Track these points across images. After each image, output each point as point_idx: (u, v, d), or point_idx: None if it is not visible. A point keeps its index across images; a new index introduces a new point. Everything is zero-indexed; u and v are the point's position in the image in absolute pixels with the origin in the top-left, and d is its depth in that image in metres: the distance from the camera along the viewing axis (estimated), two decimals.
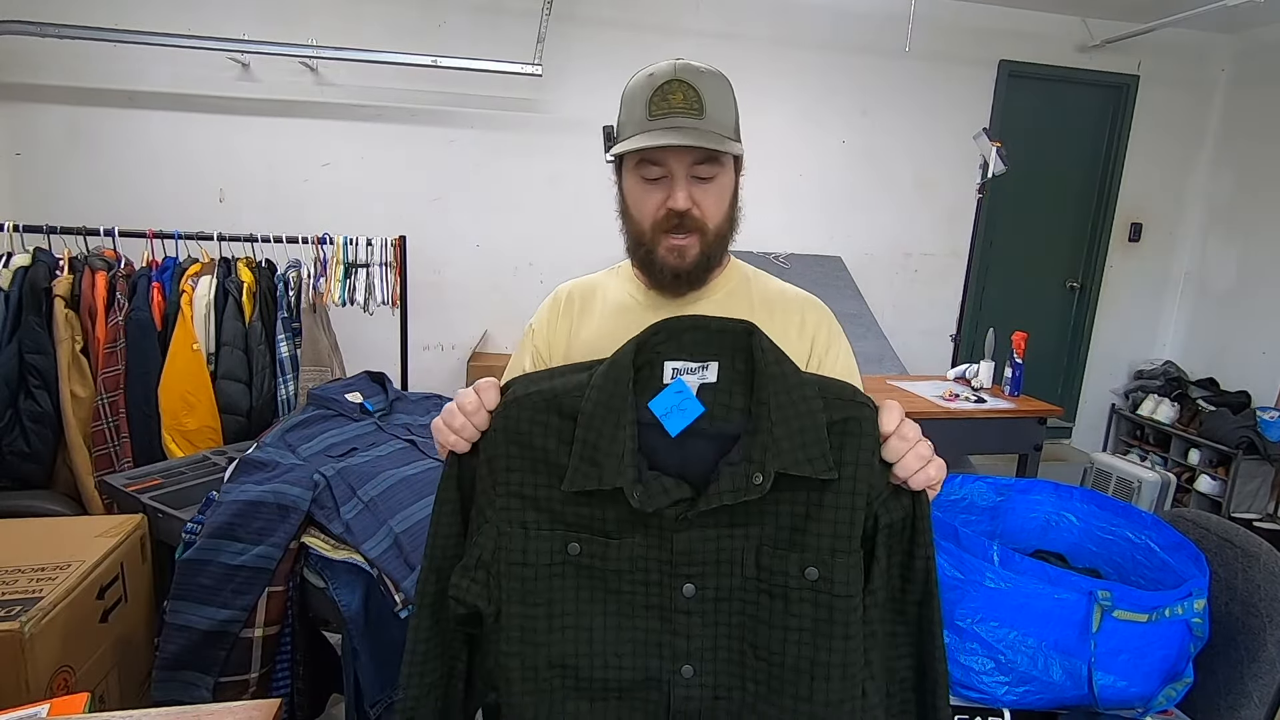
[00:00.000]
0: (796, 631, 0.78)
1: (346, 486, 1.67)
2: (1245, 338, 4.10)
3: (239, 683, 1.59)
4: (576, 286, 1.10)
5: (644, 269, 1.00)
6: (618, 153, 0.94)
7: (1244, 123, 4.18)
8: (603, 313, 1.06)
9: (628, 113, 0.94)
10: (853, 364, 1.05)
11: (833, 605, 0.77)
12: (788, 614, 0.78)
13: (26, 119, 3.22)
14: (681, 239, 0.94)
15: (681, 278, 0.97)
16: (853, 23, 3.86)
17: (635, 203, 0.97)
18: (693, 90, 0.91)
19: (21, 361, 2.35)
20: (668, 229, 0.94)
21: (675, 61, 0.94)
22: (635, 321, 1.01)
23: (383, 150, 3.53)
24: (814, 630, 0.78)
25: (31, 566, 1.47)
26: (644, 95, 0.92)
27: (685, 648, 0.80)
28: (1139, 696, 1.16)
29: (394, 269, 2.88)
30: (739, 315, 0.94)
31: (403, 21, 3.43)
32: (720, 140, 0.90)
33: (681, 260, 0.95)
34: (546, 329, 1.08)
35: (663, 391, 0.80)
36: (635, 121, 0.93)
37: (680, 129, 0.89)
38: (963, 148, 3.71)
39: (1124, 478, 3.78)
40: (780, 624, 0.78)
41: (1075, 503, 1.53)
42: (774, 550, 0.79)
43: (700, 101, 0.91)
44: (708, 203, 0.94)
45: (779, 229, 3.96)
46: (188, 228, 2.71)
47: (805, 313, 1.05)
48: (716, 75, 0.95)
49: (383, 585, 1.55)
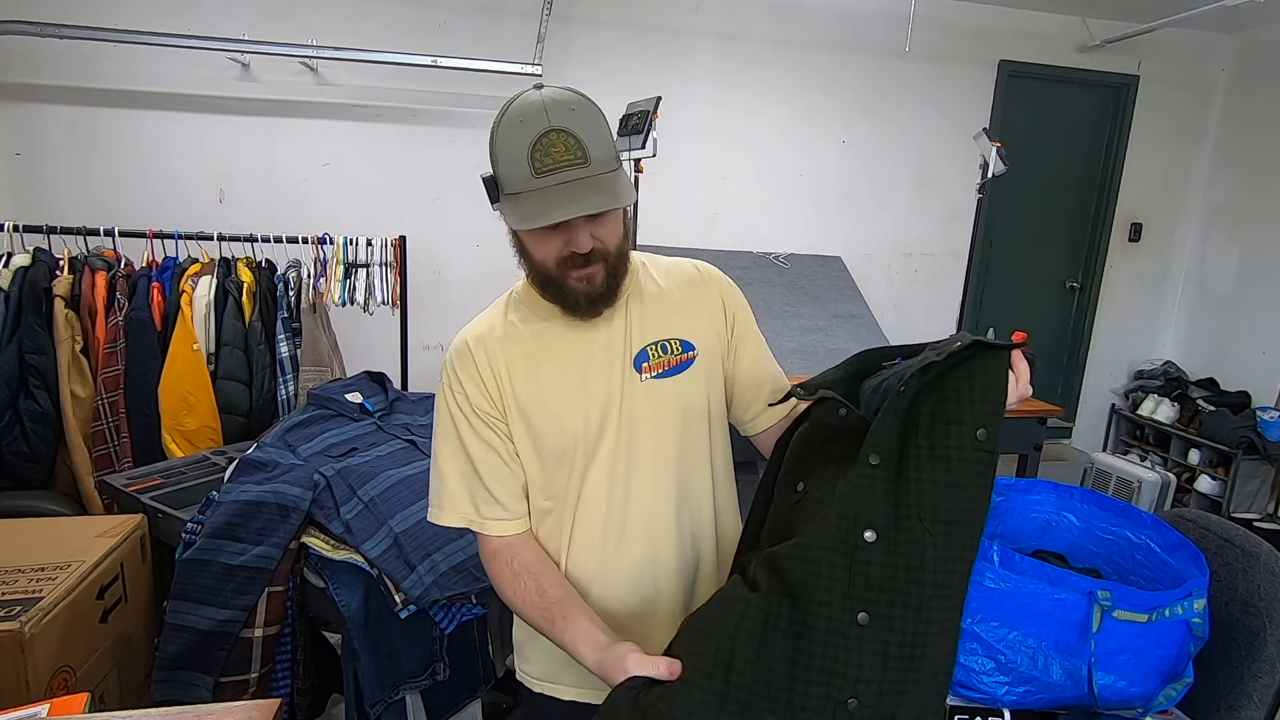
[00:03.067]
0: (961, 489, 0.85)
1: (346, 486, 1.67)
2: (1245, 338, 4.09)
3: (239, 683, 1.59)
4: (480, 337, 1.05)
5: (558, 301, 1.01)
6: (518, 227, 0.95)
7: (1244, 123, 4.18)
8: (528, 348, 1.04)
9: (507, 166, 0.93)
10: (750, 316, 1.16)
11: (990, 467, 0.86)
12: (951, 473, 0.86)
13: (26, 119, 3.22)
14: (587, 269, 0.97)
15: (596, 300, 0.99)
16: (853, 23, 3.85)
17: (535, 248, 0.98)
18: (571, 137, 0.90)
19: (21, 361, 2.35)
20: (573, 265, 0.96)
21: (542, 99, 0.92)
22: (565, 344, 1.04)
23: (383, 150, 3.53)
24: (975, 486, 0.85)
25: (31, 566, 1.47)
26: (521, 148, 0.91)
27: (869, 511, 0.86)
28: (1139, 696, 1.16)
29: (394, 269, 2.88)
30: (654, 302, 1.07)
31: (403, 21, 3.42)
32: (613, 191, 0.92)
33: (592, 286, 0.98)
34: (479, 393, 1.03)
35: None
36: (519, 179, 0.92)
37: (570, 184, 0.90)
38: (963, 148, 3.70)
39: (1124, 478, 3.78)
40: (945, 482, 0.85)
41: (1075, 503, 1.53)
42: (942, 416, 0.86)
43: (581, 147, 0.90)
44: (605, 234, 0.97)
45: (779, 229, 3.96)
46: (188, 228, 2.71)
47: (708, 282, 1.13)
48: (585, 106, 0.94)
49: (383, 585, 1.55)
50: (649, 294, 1.08)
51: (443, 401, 1.06)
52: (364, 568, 1.56)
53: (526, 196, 0.92)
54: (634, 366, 1.04)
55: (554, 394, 1.03)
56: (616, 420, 1.03)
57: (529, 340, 1.04)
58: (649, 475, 1.06)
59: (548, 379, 1.03)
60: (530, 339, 1.04)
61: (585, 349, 1.04)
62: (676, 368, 1.06)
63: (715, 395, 1.11)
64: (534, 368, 1.03)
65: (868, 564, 0.85)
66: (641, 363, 1.04)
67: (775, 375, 1.16)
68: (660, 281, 1.11)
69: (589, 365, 1.03)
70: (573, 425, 1.03)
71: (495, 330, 1.05)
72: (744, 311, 1.14)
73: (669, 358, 1.06)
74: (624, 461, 1.04)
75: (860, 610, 0.85)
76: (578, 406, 1.03)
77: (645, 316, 1.07)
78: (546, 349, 1.04)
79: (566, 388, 1.03)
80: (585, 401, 1.03)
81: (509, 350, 1.04)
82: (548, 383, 1.03)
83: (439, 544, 1.57)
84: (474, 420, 1.03)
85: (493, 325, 1.06)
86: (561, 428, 1.03)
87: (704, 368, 1.08)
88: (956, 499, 0.85)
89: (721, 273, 1.16)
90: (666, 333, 1.06)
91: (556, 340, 1.04)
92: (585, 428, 1.03)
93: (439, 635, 1.61)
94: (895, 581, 0.85)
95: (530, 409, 1.03)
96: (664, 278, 1.12)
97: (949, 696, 0.98)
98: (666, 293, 1.10)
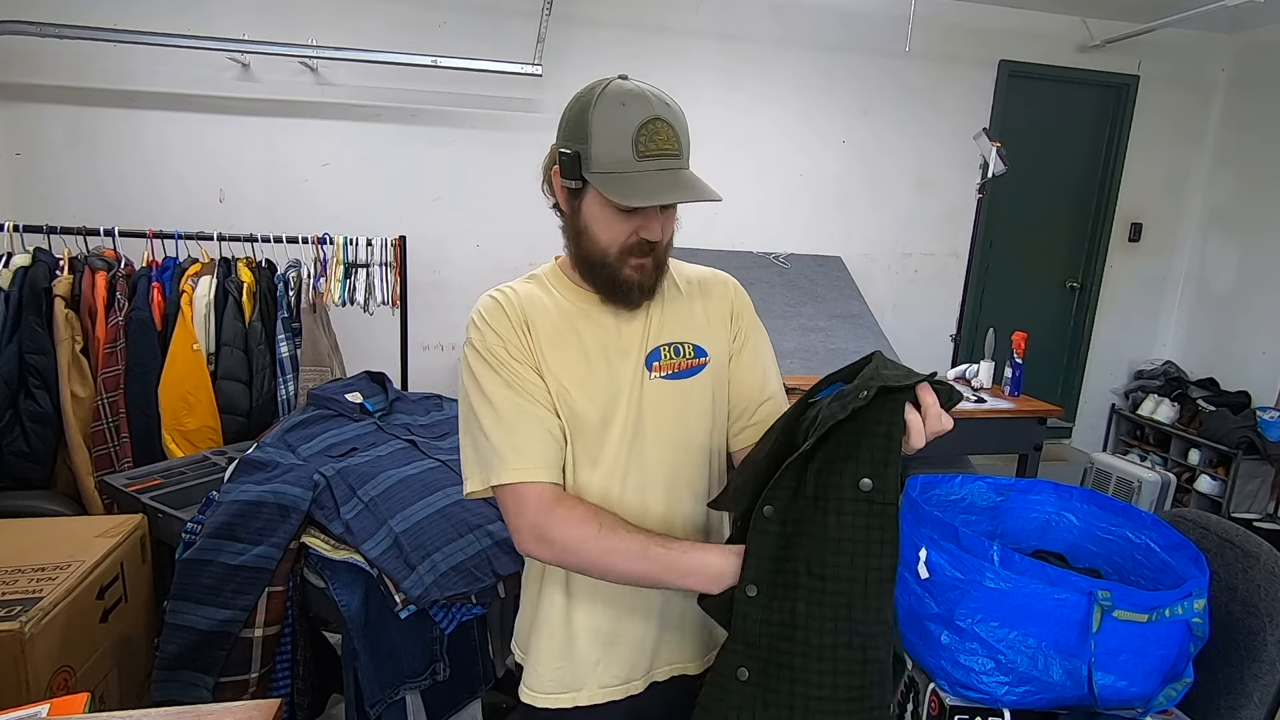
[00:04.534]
0: (850, 543, 0.82)
1: (346, 486, 1.67)
2: (1245, 338, 4.09)
3: (239, 683, 1.59)
4: (514, 294, 1.04)
5: (603, 288, 1.02)
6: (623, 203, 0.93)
7: (1244, 123, 4.18)
8: (554, 323, 1.03)
9: (603, 145, 0.93)
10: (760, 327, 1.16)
11: (885, 514, 0.82)
12: (840, 527, 0.83)
13: (26, 119, 3.22)
14: (645, 259, 1.00)
15: (645, 291, 1.02)
16: (853, 23, 3.85)
17: (603, 228, 0.98)
18: (672, 130, 0.94)
19: (21, 361, 2.35)
20: (635, 253, 0.99)
21: (640, 87, 0.95)
22: (586, 328, 1.04)
23: (383, 150, 3.53)
24: (866, 539, 0.82)
25: (31, 566, 1.47)
26: (625, 130, 0.92)
27: (755, 564, 0.84)
28: (1139, 696, 1.16)
29: (394, 269, 2.88)
30: (675, 303, 1.09)
31: (403, 21, 3.42)
32: (704, 187, 0.95)
33: (644, 276, 1.01)
34: (516, 338, 1.01)
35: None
36: (619, 159, 0.93)
37: (669, 172, 0.94)
38: (963, 148, 3.71)
39: (1124, 478, 3.78)
40: (833, 536, 0.83)
41: (1075, 503, 1.53)
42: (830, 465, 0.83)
43: (679, 141, 0.95)
44: (669, 228, 1.02)
45: (779, 229, 3.96)
46: (188, 228, 2.71)
47: (724, 290, 1.15)
48: (676, 105, 0.98)
49: (383, 585, 1.55)
50: (671, 296, 1.10)
51: (475, 359, 1.00)
52: (364, 568, 1.56)
53: (627, 177, 0.93)
54: (646, 364, 1.05)
55: (571, 373, 1.02)
56: (624, 413, 1.03)
57: (554, 314, 1.04)
58: (648, 475, 1.05)
59: (567, 356, 1.02)
60: (555, 314, 1.04)
61: (605, 337, 1.04)
62: (686, 371, 1.07)
63: (720, 404, 1.11)
64: (557, 339, 1.03)
65: (745, 618, 0.84)
66: (653, 361, 1.05)
67: (772, 394, 1.14)
68: (683, 286, 1.12)
69: (606, 354, 1.04)
70: (583, 409, 1.02)
71: (522, 293, 1.05)
72: (751, 325, 1.15)
73: (680, 360, 1.07)
74: (624, 455, 1.04)
75: (740, 666, 0.84)
76: (590, 391, 1.02)
77: (665, 317, 1.08)
78: (571, 326, 1.04)
79: (583, 369, 1.03)
80: (597, 388, 1.02)
81: (536, 316, 1.03)
82: (567, 359, 1.02)
83: (439, 544, 1.57)
84: (514, 366, 0.99)
85: (518, 290, 1.06)
86: (573, 411, 1.02)
87: (712, 376, 1.09)
88: (841, 553, 0.82)
89: (740, 286, 1.18)
90: (682, 336, 1.08)
91: (582, 319, 1.04)
92: (594, 414, 1.02)
93: (439, 635, 1.61)
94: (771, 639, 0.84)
95: (548, 378, 1.01)
96: (687, 283, 1.13)
97: (949, 696, 0.98)
98: (688, 297, 1.11)
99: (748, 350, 1.14)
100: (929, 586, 1.23)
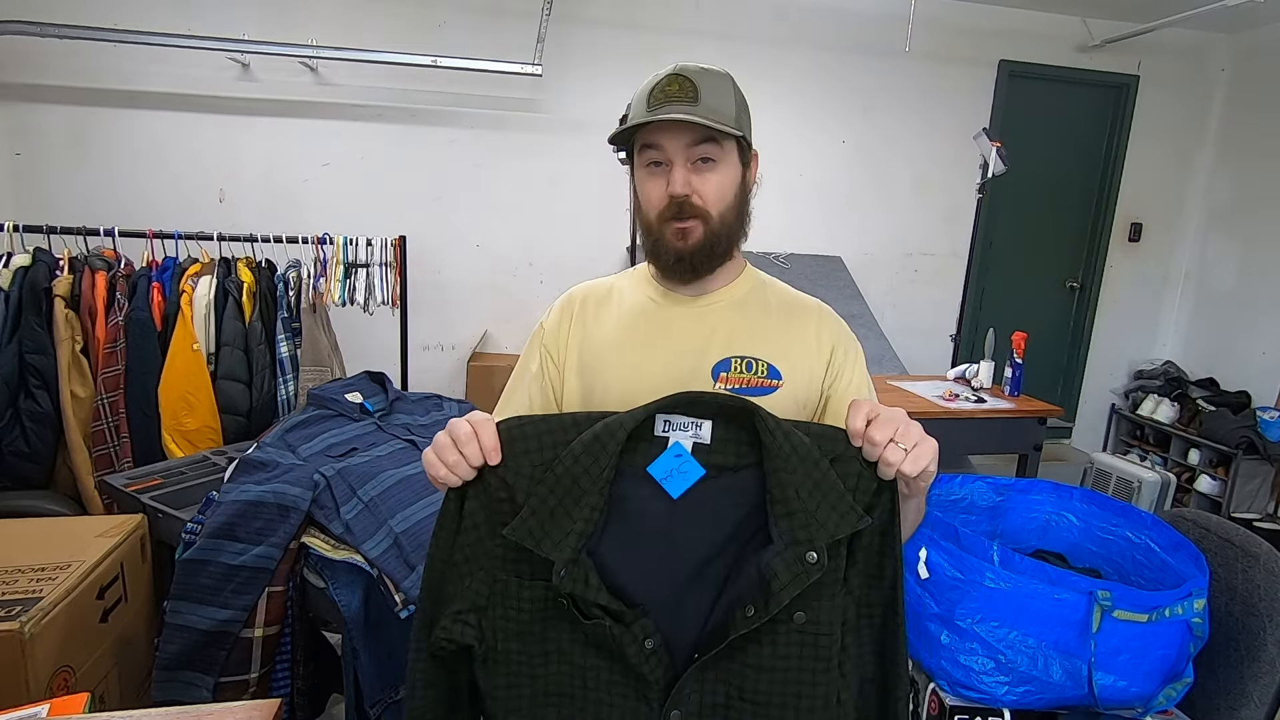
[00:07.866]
0: (783, 672, 0.79)
1: (346, 486, 1.67)
2: (1245, 338, 4.09)
3: (239, 683, 1.59)
4: (591, 289, 1.11)
5: (653, 258, 1.03)
6: (614, 138, 1.00)
7: (1244, 123, 4.18)
8: (619, 315, 1.06)
9: (635, 106, 0.99)
10: (866, 381, 1.05)
11: (817, 644, 0.79)
12: (775, 657, 0.79)
13: (26, 119, 3.22)
14: (685, 224, 0.97)
15: (685, 260, 0.98)
16: (853, 23, 3.86)
17: (644, 195, 1.01)
18: (689, 81, 0.95)
19: (21, 361, 2.35)
20: (670, 216, 0.97)
21: (692, 64, 0.98)
22: (652, 323, 1.04)
23: (383, 150, 3.53)
24: (799, 668, 0.79)
25: (31, 566, 1.47)
26: (644, 91, 0.97)
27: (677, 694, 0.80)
28: (1139, 696, 1.16)
29: (394, 269, 2.88)
30: (756, 318, 1.03)
31: (402, 22, 3.43)
32: (710, 120, 0.93)
33: (685, 242, 0.97)
34: (556, 330, 1.08)
35: (662, 455, 0.82)
36: (639, 113, 0.97)
37: (674, 113, 0.93)
38: (963, 148, 3.70)
39: (1124, 478, 3.77)
40: (768, 666, 0.80)
41: (1075, 503, 1.53)
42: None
43: (695, 90, 0.94)
44: (707, 189, 0.97)
45: (779, 229, 3.96)
46: (188, 228, 2.71)
47: (822, 322, 1.06)
48: (718, 73, 0.99)
49: (383, 585, 1.55)
50: (754, 307, 1.05)
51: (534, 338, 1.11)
52: (364, 568, 1.56)
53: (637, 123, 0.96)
54: (711, 371, 1.00)
55: (621, 357, 1.03)
56: None
57: (628, 308, 1.06)
58: None
59: (626, 352, 1.03)
60: (630, 307, 1.06)
61: (674, 334, 1.03)
62: (756, 389, 0.99)
63: None
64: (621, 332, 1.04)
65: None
66: (720, 371, 1.00)
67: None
68: (773, 303, 1.07)
69: (667, 347, 1.02)
70: (618, 390, 1.00)
71: (602, 288, 1.10)
72: (854, 368, 1.05)
73: (751, 376, 1.00)
74: None
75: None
76: (635, 380, 1.00)
77: (740, 327, 1.03)
78: (640, 320, 1.05)
79: (639, 357, 1.02)
80: (645, 378, 1.00)
81: (601, 311, 1.07)
82: (621, 345, 1.03)
83: None
84: (538, 351, 1.08)
85: (600, 285, 1.11)
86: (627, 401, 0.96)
87: (784, 403, 1.00)
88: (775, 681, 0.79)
89: (844, 323, 1.09)
90: (757, 352, 1.01)
91: (657, 313, 1.05)
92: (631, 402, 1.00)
93: None
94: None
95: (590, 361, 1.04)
96: (778, 300, 1.08)
97: (949, 696, 0.98)
98: (774, 316, 1.05)
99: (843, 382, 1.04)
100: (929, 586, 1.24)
